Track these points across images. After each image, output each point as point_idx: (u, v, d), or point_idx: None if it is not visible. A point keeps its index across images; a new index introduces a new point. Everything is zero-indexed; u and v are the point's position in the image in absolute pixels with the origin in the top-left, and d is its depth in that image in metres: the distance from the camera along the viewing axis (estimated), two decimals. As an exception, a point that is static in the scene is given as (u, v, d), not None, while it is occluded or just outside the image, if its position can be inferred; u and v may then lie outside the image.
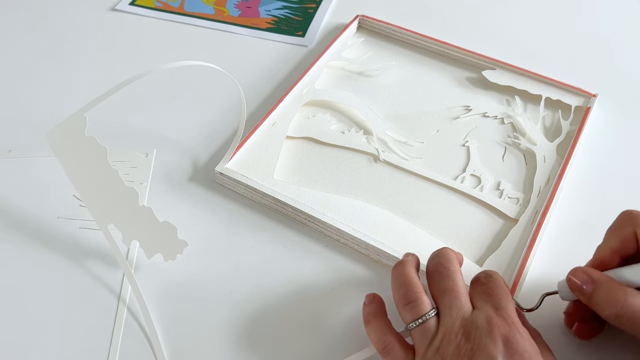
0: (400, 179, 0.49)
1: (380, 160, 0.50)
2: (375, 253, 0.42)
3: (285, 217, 0.45)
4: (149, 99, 0.55)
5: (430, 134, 0.52)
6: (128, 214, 0.40)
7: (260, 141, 0.50)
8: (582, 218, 0.46)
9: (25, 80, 0.57)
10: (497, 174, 0.49)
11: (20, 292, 0.41)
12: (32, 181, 0.48)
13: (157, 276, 0.42)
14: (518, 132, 0.52)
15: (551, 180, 0.48)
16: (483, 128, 0.53)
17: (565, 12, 0.68)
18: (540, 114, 0.54)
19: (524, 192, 0.48)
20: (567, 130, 0.52)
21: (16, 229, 0.45)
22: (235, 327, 0.39)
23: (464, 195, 0.47)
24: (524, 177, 0.49)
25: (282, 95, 0.53)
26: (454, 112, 0.54)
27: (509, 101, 0.55)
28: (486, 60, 0.58)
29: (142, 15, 0.66)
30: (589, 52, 0.63)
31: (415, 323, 0.34)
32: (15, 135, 0.52)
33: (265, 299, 0.41)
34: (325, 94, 0.55)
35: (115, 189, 0.40)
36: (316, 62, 0.56)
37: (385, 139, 0.51)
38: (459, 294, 0.35)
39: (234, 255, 0.43)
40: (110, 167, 0.39)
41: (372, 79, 0.58)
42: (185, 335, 0.39)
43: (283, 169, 0.49)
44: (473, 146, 0.51)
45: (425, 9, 0.67)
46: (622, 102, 0.56)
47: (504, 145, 0.51)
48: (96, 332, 0.39)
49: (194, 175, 0.49)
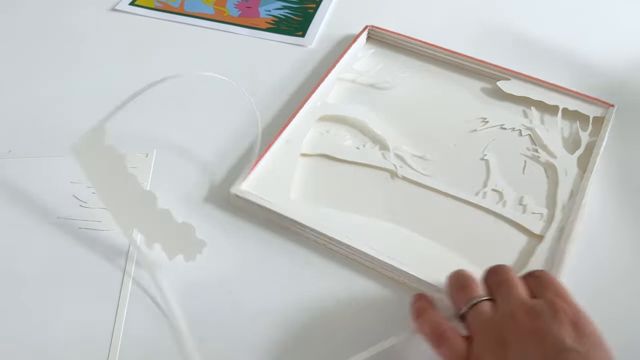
0: (418, 195, 0.47)
1: (398, 177, 0.48)
2: (400, 275, 0.41)
3: (303, 238, 0.44)
4: (153, 101, 0.53)
5: (448, 148, 0.51)
6: (148, 218, 0.40)
7: (275, 159, 0.48)
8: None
9: (25, 80, 0.57)
10: (518, 188, 0.48)
11: (21, 292, 0.41)
12: (32, 181, 0.48)
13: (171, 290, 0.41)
14: (537, 145, 0.51)
15: (574, 194, 0.47)
16: (501, 141, 0.52)
17: (581, 20, 0.67)
18: (558, 125, 0.53)
19: (547, 207, 0.46)
20: (586, 141, 0.51)
21: (16, 229, 0.44)
22: (253, 348, 0.38)
23: (485, 210, 0.46)
24: (546, 191, 0.48)
25: (295, 111, 0.51)
26: (471, 125, 0.53)
27: (526, 112, 0.54)
28: (500, 70, 0.56)
29: (142, 16, 0.66)
30: (605, 61, 0.62)
31: (469, 304, 0.33)
32: (15, 135, 0.51)
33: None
34: (339, 108, 0.53)
35: (134, 193, 0.40)
36: (327, 75, 0.55)
37: (402, 154, 0.50)
38: (516, 284, 0.34)
39: (247, 272, 0.42)
40: (129, 172, 0.39)
41: (385, 91, 0.56)
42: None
43: (299, 188, 0.47)
44: (492, 160, 0.50)
45: (428, 17, 0.66)
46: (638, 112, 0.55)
47: (524, 158, 0.50)
48: (96, 332, 0.39)
49: (209, 196, 0.47)
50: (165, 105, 0.54)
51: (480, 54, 0.58)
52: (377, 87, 0.57)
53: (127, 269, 0.42)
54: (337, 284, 0.42)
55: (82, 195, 0.46)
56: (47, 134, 0.52)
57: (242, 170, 0.47)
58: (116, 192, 0.41)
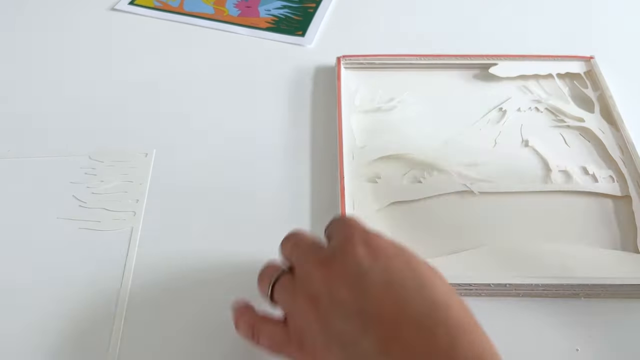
0: (497, 203, 0.46)
1: (475, 193, 0.46)
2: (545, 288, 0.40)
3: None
4: (153, 101, 0.56)
5: (490, 147, 0.50)
6: None
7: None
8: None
9: (25, 80, 0.58)
10: (575, 160, 0.49)
11: (20, 293, 0.41)
12: (32, 181, 0.48)
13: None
14: (560, 115, 0.53)
15: (622, 148, 0.49)
16: (527, 123, 0.52)
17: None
18: (562, 91, 0.55)
19: (609, 167, 0.48)
20: (595, 96, 0.54)
21: (16, 229, 0.44)
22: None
23: (564, 193, 0.46)
24: (598, 154, 0.49)
25: (340, 179, 0.46)
26: (492, 118, 0.53)
27: (527, 88, 0.55)
28: (485, 58, 0.57)
29: (142, 15, 0.66)
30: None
31: (269, 287, 0.32)
32: (15, 135, 0.52)
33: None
34: (375, 151, 0.49)
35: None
36: (342, 123, 0.50)
37: (459, 170, 0.48)
38: (304, 243, 0.33)
39: None
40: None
41: (395, 113, 0.53)
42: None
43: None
44: (537, 143, 0.50)
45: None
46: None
47: (558, 131, 0.52)
48: (96, 332, 0.38)
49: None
50: (166, 105, 0.55)
51: (461, 48, 0.59)
52: (384, 111, 0.54)
53: (127, 268, 0.42)
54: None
55: (81, 195, 0.47)
56: (47, 133, 0.52)
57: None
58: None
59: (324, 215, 0.44)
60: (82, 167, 0.49)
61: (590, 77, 0.56)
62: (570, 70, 0.56)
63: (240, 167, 0.49)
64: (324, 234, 0.35)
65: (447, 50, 0.59)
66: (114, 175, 0.48)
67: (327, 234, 0.35)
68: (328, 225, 0.35)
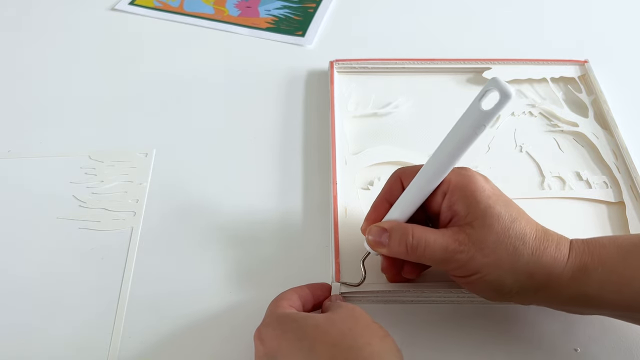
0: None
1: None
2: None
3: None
4: (153, 101, 0.56)
5: (484, 152, 0.51)
6: None
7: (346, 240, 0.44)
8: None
9: (25, 80, 0.58)
10: (568, 165, 0.50)
11: (20, 293, 0.41)
12: (32, 181, 0.48)
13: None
14: (554, 119, 0.54)
15: (616, 153, 0.50)
16: (521, 127, 0.53)
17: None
18: (555, 95, 0.56)
19: (603, 173, 0.49)
20: (589, 101, 0.55)
21: (16, 229, 0.45)
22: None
23: (558, 199, 0.47)
24: (591, 159, 0.50)
25: (333, 183, 0.47)
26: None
27: (521, 92, 0.56)
28: (479, 62, 0.58)
29: (142, 15, 0.67)
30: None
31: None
32: (15, 135, 0.52)
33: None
34: (368, 157, 0.50)
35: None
36: (334, 128, 0.51)
37: (455, 174, 0.49)
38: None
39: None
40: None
41: (389, 118, 0.54)
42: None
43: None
44: (531, 148, 0.51)
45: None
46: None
47: (552, 135, 0.52)
48: (96, 332, 0.39)
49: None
50: (166, 105, 0.55)
51: (456, 52, 0.59)
52: (379, 116, 0.54)
53: (127, 268, 0.42)
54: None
55: (81, 195, 0.47)
56: (47, 134, 0.52)
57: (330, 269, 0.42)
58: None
59: (317, 221, 0.45)
60: (82, 167, 0.49)
61: (585, 82, 0.56)
62: (564, 75, 0.57)
63: (240, 167, 0.50)
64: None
65: (440, 54, 0.59)
66: (114, 175, 0.49)
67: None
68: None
